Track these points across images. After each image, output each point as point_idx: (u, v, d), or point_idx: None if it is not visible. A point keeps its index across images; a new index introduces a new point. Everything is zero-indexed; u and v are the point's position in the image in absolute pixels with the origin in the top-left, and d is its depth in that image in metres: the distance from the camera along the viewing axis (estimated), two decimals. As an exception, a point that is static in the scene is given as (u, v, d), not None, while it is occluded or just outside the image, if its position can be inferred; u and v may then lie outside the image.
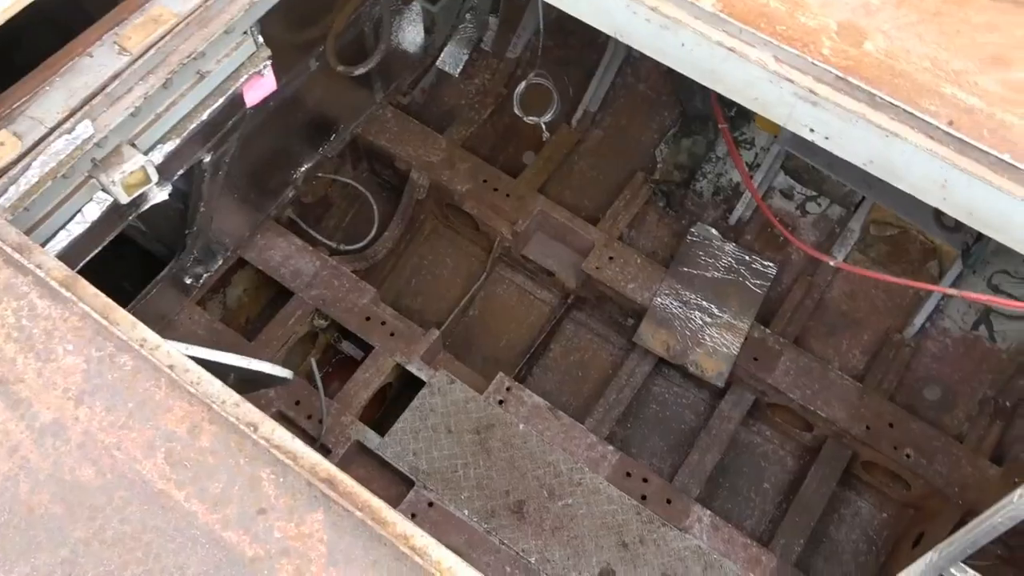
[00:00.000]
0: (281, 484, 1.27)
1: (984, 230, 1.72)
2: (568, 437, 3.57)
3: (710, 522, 3.42)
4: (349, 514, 1.24)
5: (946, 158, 1.62)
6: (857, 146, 1.71)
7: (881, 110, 1.65)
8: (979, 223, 1.70)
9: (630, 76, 4.49)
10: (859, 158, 1.74)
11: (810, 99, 1.69)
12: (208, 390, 1.40)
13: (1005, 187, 1.60)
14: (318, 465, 1.30)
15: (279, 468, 1.28)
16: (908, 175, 1.70)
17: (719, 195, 4.28)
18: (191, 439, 1.32)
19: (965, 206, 1.68)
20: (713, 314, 3.85)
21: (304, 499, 1.26)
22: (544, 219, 4.14)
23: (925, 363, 3.95)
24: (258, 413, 1.38)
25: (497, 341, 4.27)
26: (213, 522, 1.24)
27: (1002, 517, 1.96)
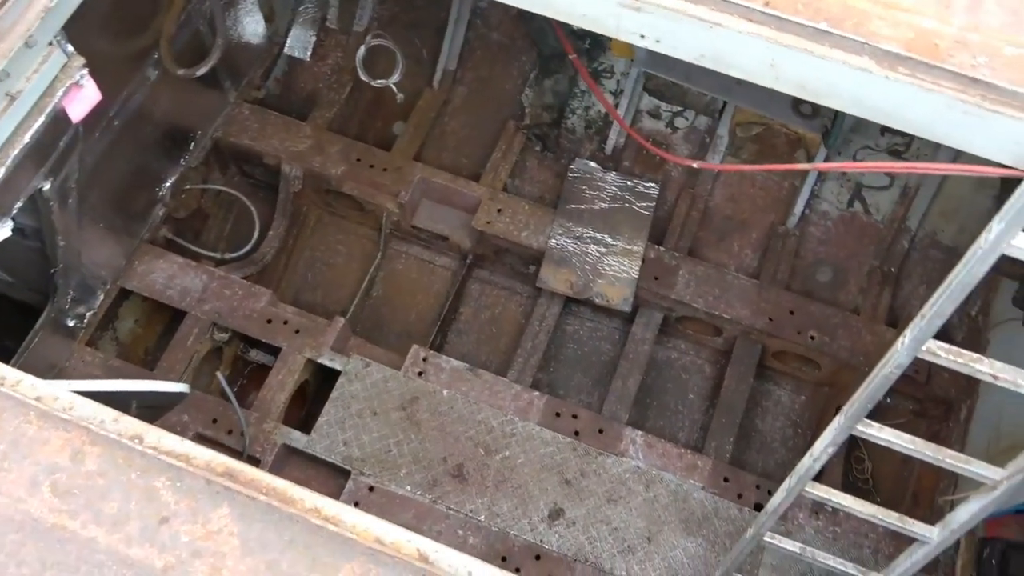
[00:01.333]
0: (179, 488, 1.23)
1: (819, 100, 1.79)
2: (493, 393, 3.60)
3: (643, 442, 3.52)
4: (254, 501, 1.22)
5: (769, 38, 1.68)
6: (686, 43, 1.75)
7: (700, 3, 1.70)
8: (812, 95, 1.77)
9: (481, 27, 4.47)
10: (691, 54, 1.78)
11: (633, 5, 1.71)
12: (83, 413, 1.34)
13: (827, 54, 1.67)
14: (213, 461, 1.27)
15: (174, 473, 1.24)
16: (738, 62, 1.75)
17: (591, 128, 4.33)
18: (75, 465, 1.27)
19: (796, 81, 1.75)
20: (607, 244, 3.92)
21: (206, 497, 1.23)
22: (426, 186, 4.11)
23: (812, 248, 4.14)
24: (141, 424, 1.33)
25: (406, 316, 4.24)
26: (116, 543, 1.20)
27: (890, 367, 2.08)
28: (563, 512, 3.39)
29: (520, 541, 3.32)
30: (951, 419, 3.69)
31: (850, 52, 1.65)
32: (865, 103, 1.72)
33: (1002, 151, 1.70)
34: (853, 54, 1.65)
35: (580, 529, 3.35)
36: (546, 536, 3.33)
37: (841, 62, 1.66)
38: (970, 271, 1.78)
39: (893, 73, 1.64)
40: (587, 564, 3.29)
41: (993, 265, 3.71)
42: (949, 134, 1.75)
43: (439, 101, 4.38)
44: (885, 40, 1.66)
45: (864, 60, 1.66)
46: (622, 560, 3.30)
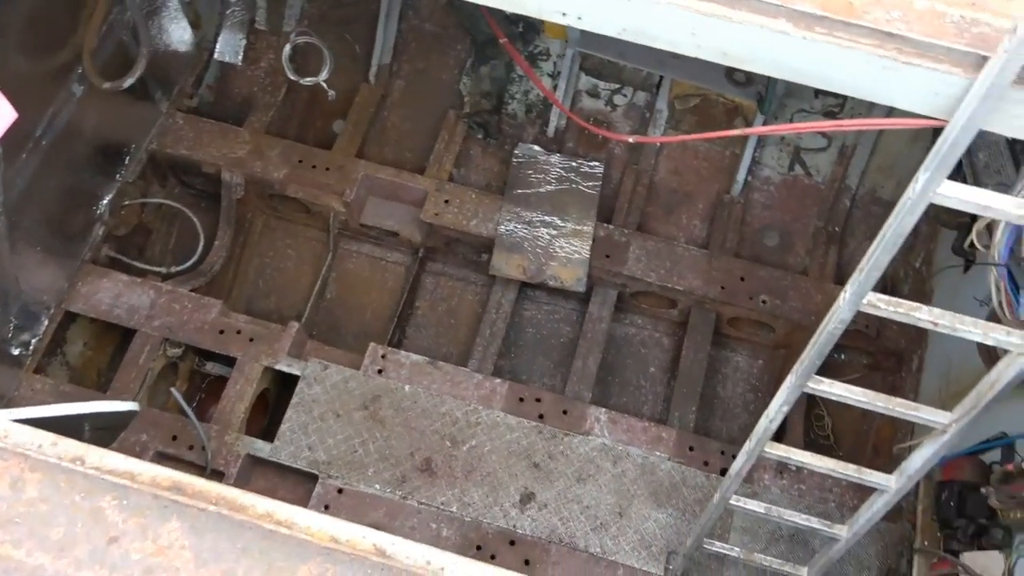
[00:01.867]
0: (126, 507, 1.21)
1: (742, 66, 1.80)
2: (455, 384, 3.59)
3: (608, 419, 3.55)
4: (204, 512, 1.20)
5: (686, 6, 1.69)
6: (608, 18, 1.75)
7: (617, -24, 1.70)
8: (736, 61, 1.79)
9: (413, 19, 4.44)
10: (613, 28, 1.78)
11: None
12: (20, 439, 1.30)
13: (745, 19, 1.68)
14: (159, 476, 1.25)
15: (119, 492, 1.22)
16: (659, 33, 1.76)
17: (532, 112, 4.33)
18: (16, 494, 1.23)
19: (718, 48, 1.76)
20: (557, 226, 3.93)
21: (154, 513, 1.21)
22: (371, 182, 4.08)
23: (757, 214, 4.20)
24: (81, 446, 1.30)
25: (362, 315, 4.21)
26: (65, 568, 1.17)
27: (834, 323, 2.12)
28: (534, 496, 3.40)
29: (493, 528, 3.34)
30: (903, 370, 3.79)
31: (767, 15, 1.66)
32: (787, 65, 1.74)
33: (921, 102, 1.73)
34: (770, 17, 1.66)
35: (552, 511, 3.37)
36: (519, 521, 3.35)
37: (759, 26, 1.67)
38: (901, 222, 1.82)
39: (810, 33, 1.66)
40: (562, 544, 3.32)
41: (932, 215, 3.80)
42: (871, 90, 1.77)
43: (377, 96, 4.34)
44: (800, 1, 1.68)
45: (781, 22, 1.68)
46: (596, 537, 3.33)
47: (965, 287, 3.34)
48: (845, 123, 1.89)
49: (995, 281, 2.35)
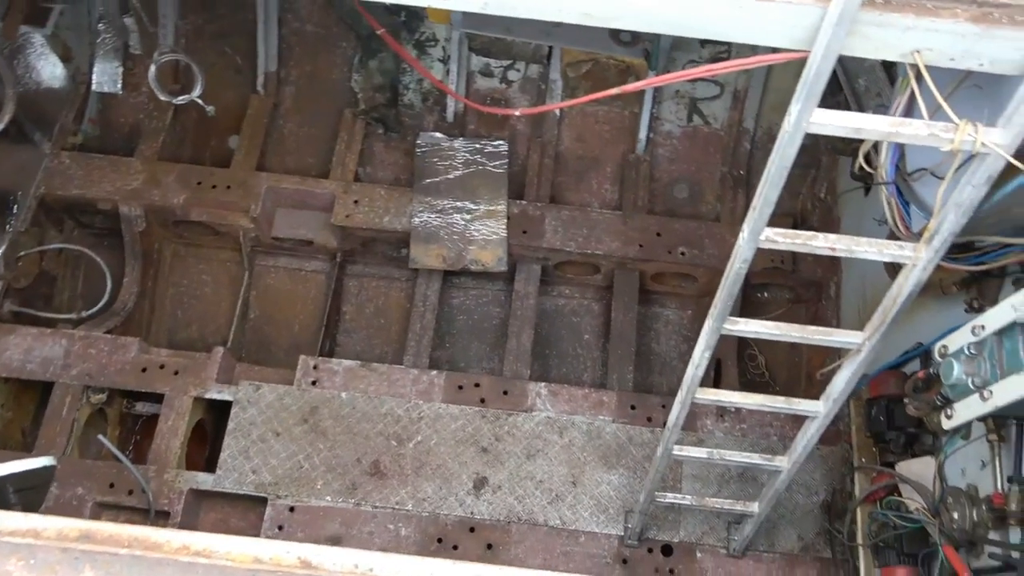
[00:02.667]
0: (33, 566, 1.16)
1: (608, 23, 1.81)
2: (392, 382, 3.57)
3: (548, 392, 3.56)
4: (118, 556, 1.16)
5: (540, -31, 1.68)
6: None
7: (468, -51, 1.69)
8: (600, 20, 1.79)
9: (293, 22, 4.34)
10: (475, 4, 1.77)
11: (406, -34, 1.69)
12: (-87, 517, 1.23)
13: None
14: (65, 528, 1.20)
15: (24, 551, 1.16)
16: (520, 2, 1.75)
17: (429, 99, 4.29)
18: (-86, 575, 1.16)
19: (580, 9, 1.76)
20: (470, 209, 3.92)
21: (65, 567, 1.16)
22: (276, 194, 3.99)
23: (664, 168, 4.25)
24: (-28, 513, 1.23)
25: (290, 329, 4.14)
26: (-21, 643, 1.11)
27: (738, 263, 2.16)
28: (487, 480, 3.41)
29: (452, 519, 3.33)
30: (823, 298, 3.90)
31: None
32: (649, 16, 1.75)
33: (782, 36, 1.77)
34: (626, -29, 1.67)
35: (507, 491, 3.38)
36: (476, 507, 3.35)
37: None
38: (782, 155, 1.86)
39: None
40: (521, 523, 3.33)
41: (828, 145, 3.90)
42: (735, 31, 1.80)
43: (268, 106, 4.24)
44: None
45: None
46: (553, 509, 3.36)
47: (868, 210, 3.45)
48: (715, 67, 1.91)
49: (886, 199, 2.43)
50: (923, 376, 2.27)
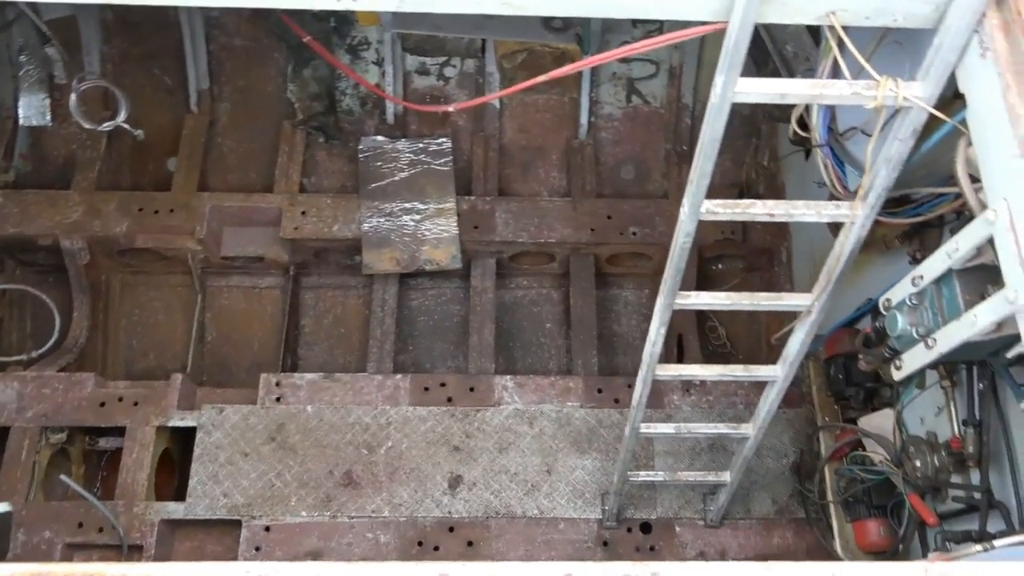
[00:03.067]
0: (-15, 616, 1.12)
1: (527, 11, 1.80)
2: (357, 391, 3.54)
3: (514, 385, 3.57)
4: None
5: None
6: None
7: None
8: (518, 8, 1.79)
9: (221, 37, 4.26)
10: (392, 3, 1.75)
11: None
12: None
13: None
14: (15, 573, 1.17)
15: (-25, 603, 1.13)
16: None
17: (368, 103, 4.25)
18: None
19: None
20: (419, 210, 3.90)
21: (19, 613, 1.13)
22: (221, 213, 3.93)
23: (609, 151, 4.27)
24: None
25: (249, 348, 4.09)
26: None
27: (682, 238, 2.18)
28: (461, 478, 3.40)
29: (430, 520, 3.32)
30: (776, 264, 3.96)
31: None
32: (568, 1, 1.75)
33: (699, 10, 1.78)
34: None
35: (482, 487, 3.38)
36: (452, 506, 3.35)
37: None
38: (713, 127, 1.87)
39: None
40: (500, 517, 3.33)
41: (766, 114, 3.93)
42: (650, 8, 1.81)
43: (204, 124, 4.17)
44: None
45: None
46: (530, 500, 3.36)
47: (810, 174, 3.50)
48: (636, 46, 1.92)
49: (822, 161, 2.46)
50: (871, 331, 2.31)
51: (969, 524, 2.33)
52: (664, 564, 1.21)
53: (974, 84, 1.70)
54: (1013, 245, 1.53)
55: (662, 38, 1.92)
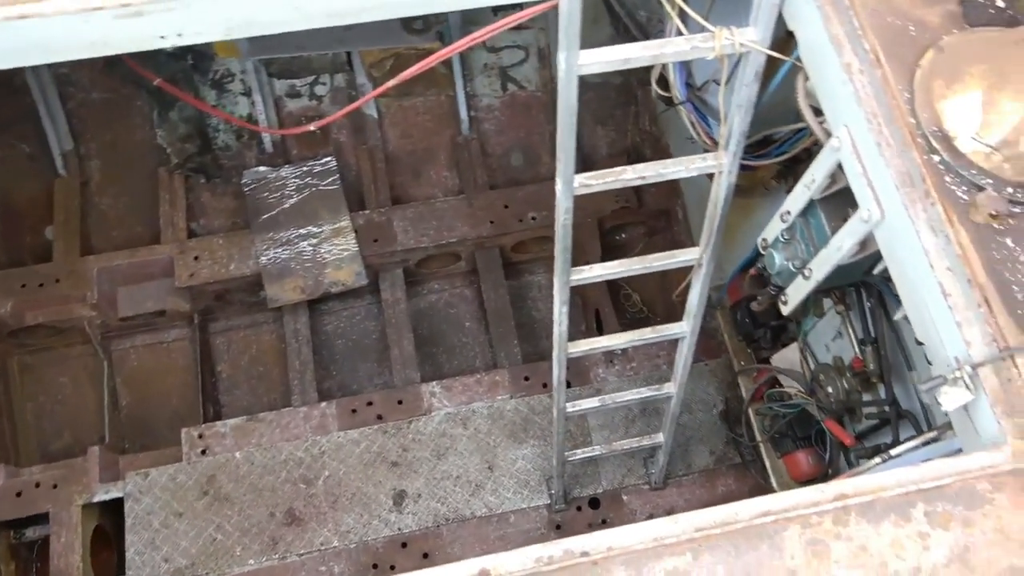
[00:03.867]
0: None
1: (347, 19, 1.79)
2: (284, 427, 3.47)
3: (441, 389, 3.55)
4: None
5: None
6: (204, 24, 1.67)
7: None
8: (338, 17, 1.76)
9: (78, 94, 4.09)
10: (217, 32, 1.71)
11: (130, 13, 1.61)
12: None
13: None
14: None
15: None
16: (264, 18, 1.70)
17: (243, 136, 4.15)
18: None
19: (322, 11, 1.73)
20: (315, 233, 3.84)
21: None
22: (111, 274, 3.79)
23: (495, 141, 4.28)
24: None
25: (167, 405, 3.95)
26: None
27: (562, 216, 2.21)
28: (405, 492, 3.37)
29: (381, 541, 3.28)
30: (674, 224, 4.04)
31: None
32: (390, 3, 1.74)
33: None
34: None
35: (428, 497, 3.35)
36: (401, 522, 3.31)
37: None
38: (566, 103, 1.89)
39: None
40: (450, 523, 3.32)
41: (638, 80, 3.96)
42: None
43: (76, 186, 4.00)
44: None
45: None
46: (477, 500, 3.35)
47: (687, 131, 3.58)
48: (477, 34, 1.93)
49: (687, 117, 2.52)
50: (756, 272, 2.38)
51: (886, 438, 2.42)
52: (575, 538, 1.22)
53: (799, 21, 1.76)
54: (859, 167, 1.59)
55: (500, 23, 1.93)
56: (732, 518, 1.24)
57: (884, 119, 1.54)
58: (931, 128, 1.49)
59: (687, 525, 1.23)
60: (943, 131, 1.48)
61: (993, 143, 1.43)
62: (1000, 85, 1.43)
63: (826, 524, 1.24)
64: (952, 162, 1.45)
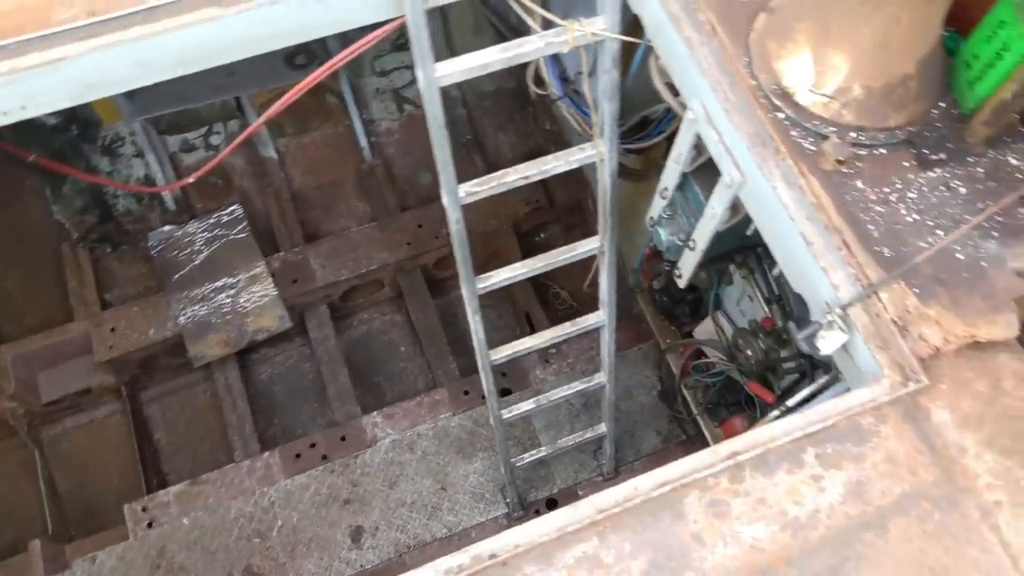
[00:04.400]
0: None
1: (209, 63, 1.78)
2: (228, 484, 3.40)
3: (383, 418, 3.52)
4: None
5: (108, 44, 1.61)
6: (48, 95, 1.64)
7: (20, 54, 1.60)
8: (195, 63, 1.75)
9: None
10: (62, 101, 1.67)
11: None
12: None
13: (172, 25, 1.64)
14: None
15: None
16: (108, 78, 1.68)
17: (143, 198, 4.07)
18: None
19: (174, 60, 1.71)
20: (231, 284, 3.78)
21: None
22: (27, 360, 3.67)
23: (400, 164, 4.27)
24: None
25: (109, 483, 3.83)
26: None
27: (454, 226, 2.21)
28: (362, 528, 3.33)
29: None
30: (587, 216, 4.08)
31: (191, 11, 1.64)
32: (238, 45, 1.74)
33: (374, 12, 1.81)
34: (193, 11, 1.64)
35: (386, 528, 3.32)
36: (363, 558, 3.27)
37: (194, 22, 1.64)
38: (433, 116, 1.91)
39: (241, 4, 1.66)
40: (412, 550, 3.28)
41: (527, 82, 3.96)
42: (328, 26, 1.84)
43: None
44: None
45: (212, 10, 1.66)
46: (436, 522, 3.33)
47: (583, 123, 3.62)
48: (336, 59, 1.93)
49: (566, 111, 2.55)
50: (650, 252, 2.42)
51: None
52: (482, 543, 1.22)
53: (641, 3, 1.80)
54: (714, 135, 1.63)
55: (352, 48, 1.94)
56: (632, 494, 1.25)
57: (728, 86, 1.58)
58: (771, 87, 1.54)
59: (589, 509, 1.24)
60: (783, 88, 1.53)
61: (829, 92, 1.48)
62: (825, 39, 1.48)
63: (723, 484, 1.27)
64: (795, 117, 1.51)
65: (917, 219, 1.44)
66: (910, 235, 1.43)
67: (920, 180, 1.47)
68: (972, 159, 1.49)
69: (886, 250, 1.41)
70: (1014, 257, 1.42)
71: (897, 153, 1.50)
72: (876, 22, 1.40)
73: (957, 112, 1.56)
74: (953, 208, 1.46)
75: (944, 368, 1.36)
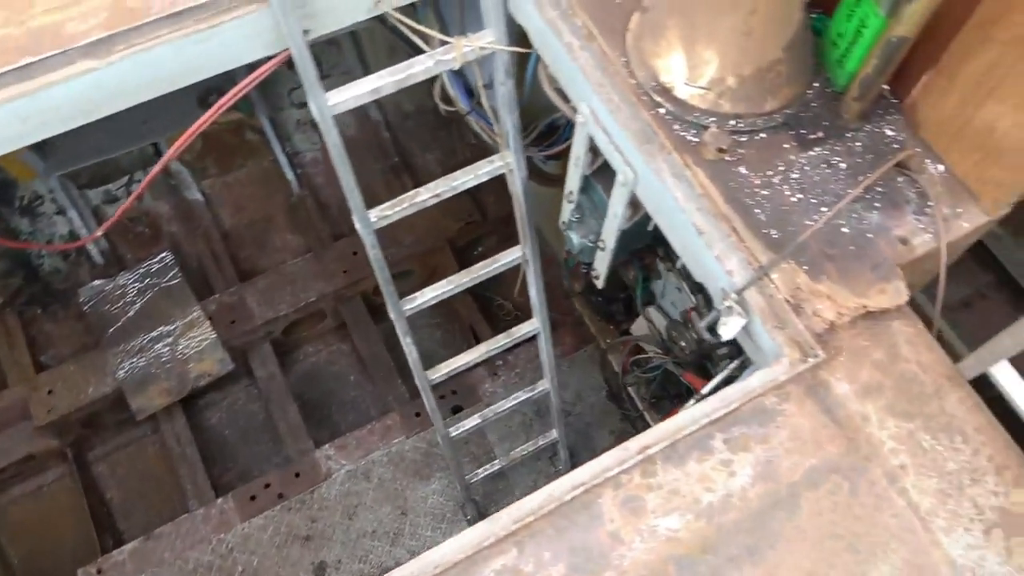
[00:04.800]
0: None
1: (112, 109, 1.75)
2: (184, 535, 3.34)
3: (335, 450, 3.49)
4: None
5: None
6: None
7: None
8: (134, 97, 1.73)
9: None
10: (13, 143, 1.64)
11: None
12: None
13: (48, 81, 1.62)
14: None
15: None
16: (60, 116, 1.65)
17: (70, 255, 4.00)
18: None
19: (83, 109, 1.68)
20: (168, 332, 3.72)
21: None
22: (-37, 433, 3.57)
23: (329, 192, 4.25)
24: None
25: (63, 549, 3.74)
26: None
27: (371, 251, 2.21)
28: (325, 563, 3.30)
29: (312, 620, 3.19)
30: (521, 224, 4.09)
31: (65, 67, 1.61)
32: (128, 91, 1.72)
33: (260, 47, 1.81)
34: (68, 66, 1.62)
35: (349, 560, 3.29)
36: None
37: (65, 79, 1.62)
38: (333, 144, 1.91)
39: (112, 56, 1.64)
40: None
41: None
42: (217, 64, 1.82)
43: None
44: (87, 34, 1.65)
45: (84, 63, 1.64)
46: (399, 548, 3.31)
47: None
48: (224, 100, 1.92)
49: (476, 124, 2.57)
50: (567, 255, 2.44)
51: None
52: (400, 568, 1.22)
53: (523, 14, 1.82)
54: (604, 136, 1.65)
55: (240, 86, 1.93)
56: (547, 501, 1.26)
57: (611, 87, 1.61)
58: (651, 84, 1.57)
59: (505, 521, 1.24)
60: (662, 84, 1.56)
61: (704, 84, 1.52)
62: (693, 34, 1.51)
63: (636, 479, 1.28)
64: (676, 111, 1.54)
65: (801, 198, 1.48)
66: (796, 215, 1.47)
67: (801, 160, 1.51)
68: (849, 134, 1.53)
69: (774, 232, 1.44)
70: (897, 225, 1.46)
71: (777, 136, 1.54)
72: (736, 14, 1.44)
73: (831, 91, 1.61)
74: (836, 184, 1.50)
75: (841, 341, 1.39)
